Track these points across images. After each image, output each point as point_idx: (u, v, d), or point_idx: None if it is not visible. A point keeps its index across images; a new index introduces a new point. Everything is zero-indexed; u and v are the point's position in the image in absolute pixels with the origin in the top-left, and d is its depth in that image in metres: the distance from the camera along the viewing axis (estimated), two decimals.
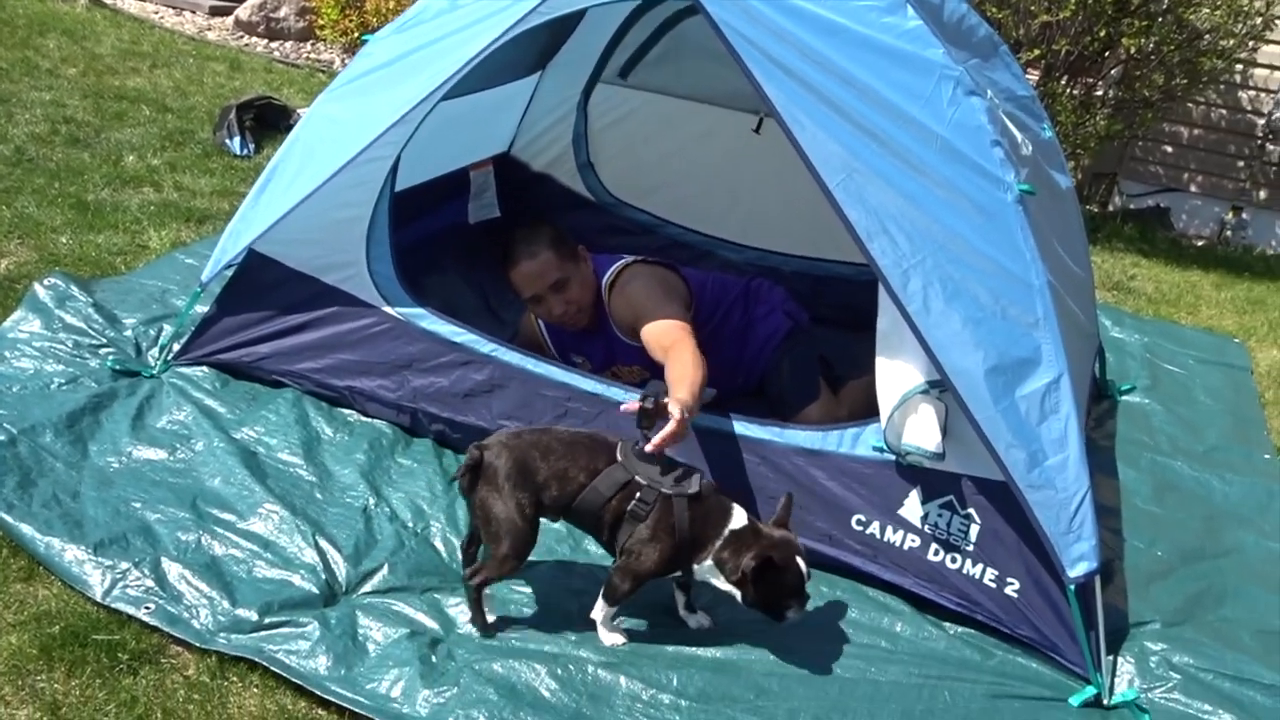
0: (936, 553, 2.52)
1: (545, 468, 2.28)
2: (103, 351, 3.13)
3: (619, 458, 2.32)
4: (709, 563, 2.28)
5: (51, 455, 2.61)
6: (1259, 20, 5.70)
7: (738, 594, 2.27)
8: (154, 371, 3.06)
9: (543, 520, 2.35)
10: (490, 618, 2.30)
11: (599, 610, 2.33)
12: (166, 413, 2.88)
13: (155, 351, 3.19)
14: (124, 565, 2.29)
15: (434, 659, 2.17)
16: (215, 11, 8.28)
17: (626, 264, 3.10)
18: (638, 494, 2.27)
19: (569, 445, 2.33)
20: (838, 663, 2.35)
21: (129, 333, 3.27)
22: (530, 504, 2.26)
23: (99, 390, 2.91)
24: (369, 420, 2.97)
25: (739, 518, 2.30)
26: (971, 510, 2.48)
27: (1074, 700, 2.33)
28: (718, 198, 4.14)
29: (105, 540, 2.35)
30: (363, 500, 2.64)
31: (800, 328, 3.38)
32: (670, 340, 2.78)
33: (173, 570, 2.31)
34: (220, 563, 2.37)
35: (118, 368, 3.04)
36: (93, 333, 3.20)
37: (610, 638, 2.33)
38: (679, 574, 2.34)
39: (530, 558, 2.32)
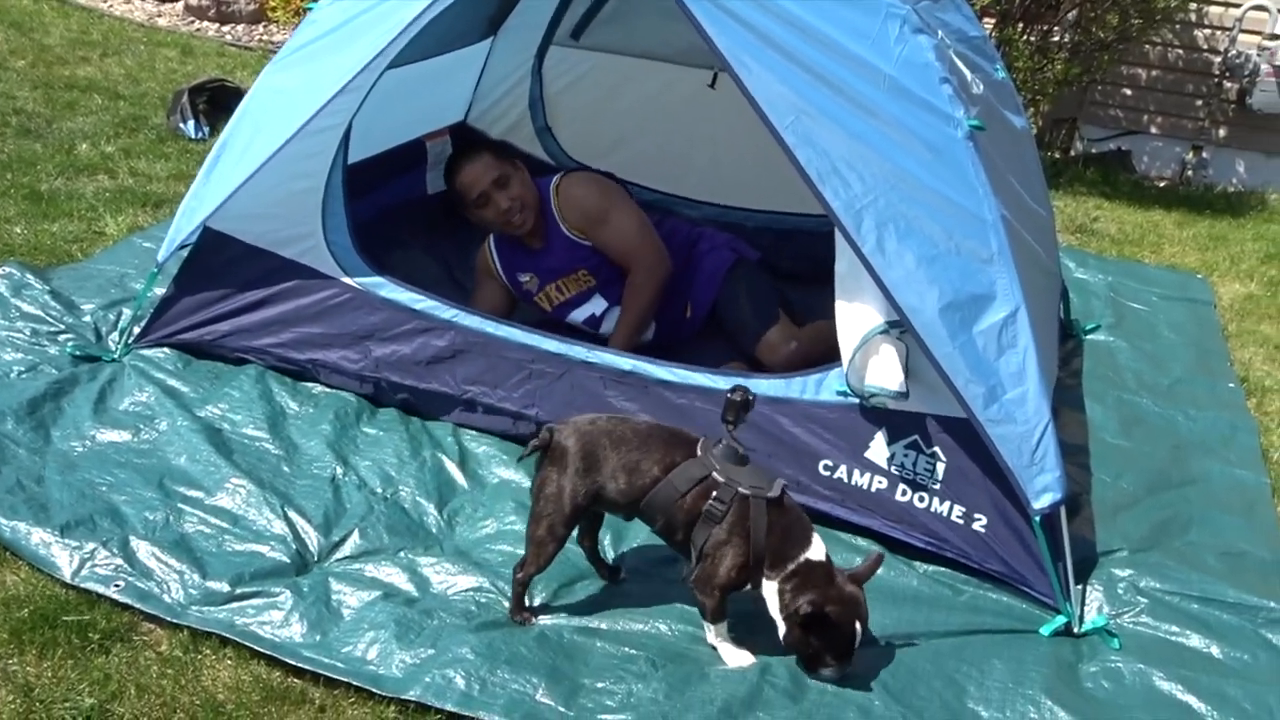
0: (904, 493, 2.54)
1: (615, 458, 2.16)
2: (62, 338, 3.10)
3: (698, 453, 2.19)
4: (774, 585, 2.12)
5: (13, 442, 2.59)
6: None
7: (781, 627, 2.13)
8: (115, 355, 3.03)
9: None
10: (530, 606, 2.25)
11: (710, 634, 2.19)
12: (129, 395, 2.85)
13: (115, 335, 3.16)
14: (91, 545, 2.27)
15: (410, 620, 2.17)
16: None
17: (569, 170, 3.29)
18: (714, 493, 2.13)
19: (645, 437, 2.20)
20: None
21: (88, 318, 3.23)
22: (586, 493, 2.15)
23: (59, 376, 2.88)
24: (333, 391, 2.95)
25: (818, 548, 2.13)
26: (936, 448, 2.50)
27: (1045, 630, 2.36)
28: (677, 155, 4.13)
29: (72, 522, 2.33)
30: (330, 470, 2.63)
31: (746, 260, 3.42)
32: (633, 246, 3.11)
33: (141, 548, 2.30)
34: (189, 539, 2.36)
35: (78, 353, 3.01)
36: (50, 320, 3.17)
37: (736, 656, 2.17)
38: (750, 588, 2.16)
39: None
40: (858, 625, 2.09)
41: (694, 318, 3.34)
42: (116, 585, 2.19)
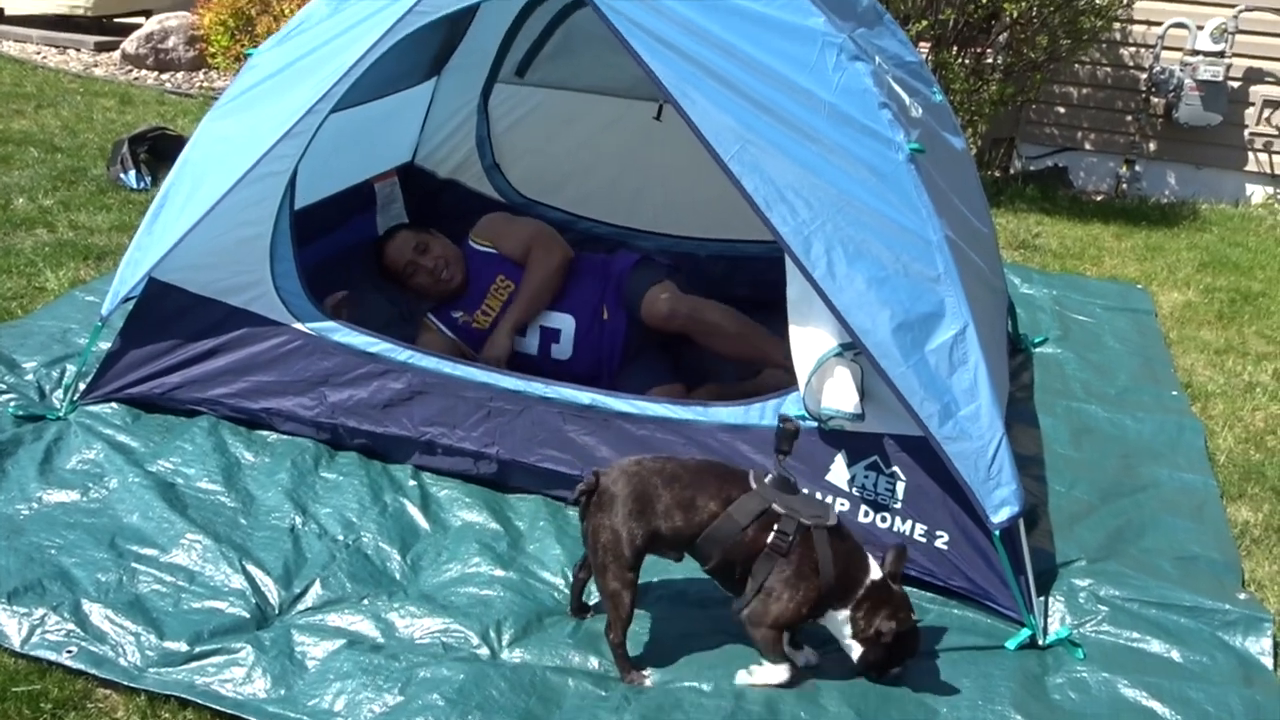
0: (866, 514, 2.56)
1: (668, 495, 2.12)
2: (3, 399, 3.03)
3: (753, 485, 2.16)
4: (844, 613, 2.11)
5: None
6: None
7: (856, 650, 2.13)
8: (60, 413, 2.96)
9: None
10: (635, 661, 2.19)
11: (766, 675, 2.15)
12: (76, 453, 2.79)
13: (60, 393, 3.09)
14: (41, 611, 2.21)
15: (376, 667, 2.13)
16: (100, 47, 8.07)
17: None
18: (776, 525, 2.10)
19: (696, 473, 2.17)
20: None
21: (30, 376, 3.16)
22: (643, 535, 2.11)
23: (2, 439, 2.81)
24: (290, 438, 2.91)
25: (875, 568, 2.14)
26: (896, 468, 2.52)
27: (1010, 644, 2.37)
28: (626, 188, 4.16)
29: (19, 588, 2.27)
30: (289, 520, 2.59)
31: (652, 260, 3.55)
32: (529, 236, 3.45)
33: (94, 611, 2.23)
34: (144, 599, 2.30)
35: (21, 414, 2.94)
36: None
37: (772, 673, 2.14)
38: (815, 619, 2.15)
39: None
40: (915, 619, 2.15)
41: (613, 317, 3.38)
42: (69, 651, 2.13)
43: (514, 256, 3.46)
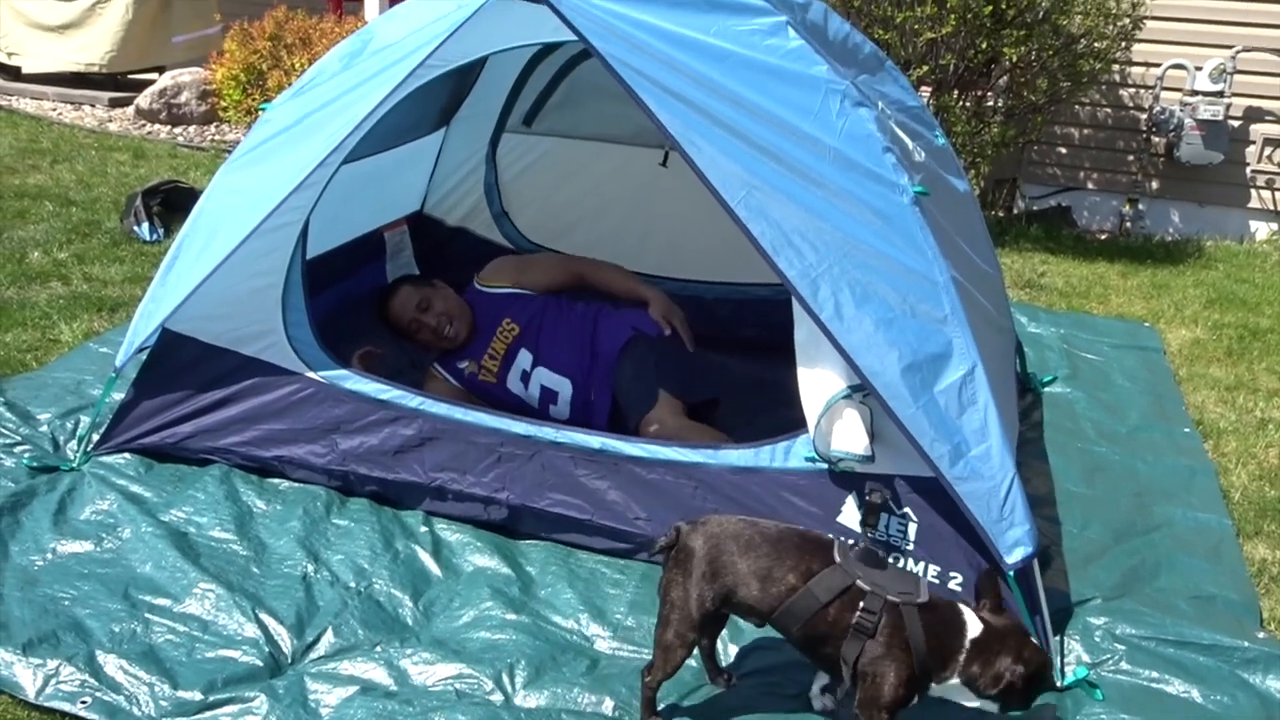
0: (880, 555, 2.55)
1: (743, 564, 2.06)
2: (18, 450, 3.04)
3: (836, 558, 2.07)
4: (955, 681, 2.02)
5: None
6: (1128, 21, 5.98)
7: (994, 706, 2.04)
8: (74, 464, 2.98)
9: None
10: (658, 711, 2.16)
11: None
12: (90, 504, 2.80)
13: (74, 444, 3.11)
14: (55, 662, 2.21)
15: (390, 713, 2.13)
16: (115, 103, 8.19)
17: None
18: (861, 603, 2.00)
19: (775, 542, 2.09)
20: (790, 676, 2.35)
21: (45, 428, 3.18)
22: (714, 598, 2.06)
23: (16, 489, 2.83)
24: (300, 486, 2.92)
25: (974, 623, 2.04)
26: (908, 509, 2.52)
27: None
28: (633, 233, 4.19)
29: (34, 639, 2.27)
30: (301, 568, 2.59)
31: (642, 336, 3.43)
32: (571, 261, 3.64)
33: (108, 662, 2.24)
34: (158, 649, 2.30)
35: (35, 465, 2.96)
36: (6, 432, 3.11)
37: None
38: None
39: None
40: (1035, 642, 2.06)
41: (598, 398, 3.34)
42: (83, 702, 2.13)
43: (540, 286, 3.50)
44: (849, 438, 2.45)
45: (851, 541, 2.18)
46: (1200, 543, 3.00)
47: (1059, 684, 2.36)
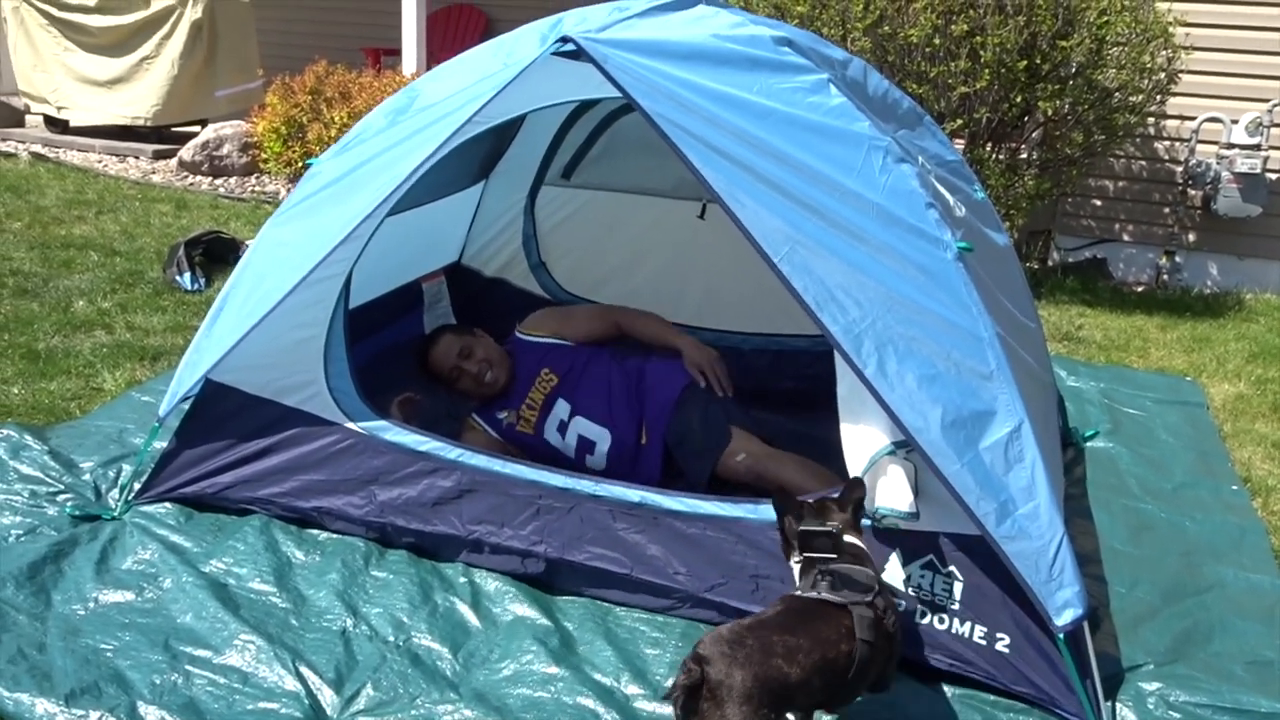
0: (923, 614, 2.51)
1: (798, 670, 1.93)
2: (61, 498, 3.07)
3: (829, 598, 2.10)
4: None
5: (14, 608, 2.54)
6: (1163, 75, 5.99)
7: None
8: (115, 513, 3.00)
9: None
10: None
11: None
12: (131, 553, 2.81)
13: (115, 493, 3.13)
14: (98, 714, 2.20)
15: None
16: (159, 155, 8.40)
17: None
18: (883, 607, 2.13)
19: (801, 623, 2.03)
20: None
21: (87, 476, 3.21)
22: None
23: (59, 538, 2.85)
24: (339, 537, 2.92)
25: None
26: (953, 568, 2.48)
27: None
28: (670, 284, 4.21)
29: (76, 690, 2.27)
30: (340, 621, 2.58)
31: (694, 388, 3.44)
32: (609, 311, 3.68)
33: (150, 713, 2.23)
34: (198, 701, 2.29)
35: (77, 514, 2.98)
36: (50, 480, 3.15)
37: None
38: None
39: None
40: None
41: (650, 444, 3.34)
42: None
43: (580, 336, 3.53)
44: (893, 494, 2.42)
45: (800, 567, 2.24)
46: (1254, 605, 2.92)
47: None
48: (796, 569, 2.27)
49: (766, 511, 2.64)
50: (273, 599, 2.66)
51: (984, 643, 2.45)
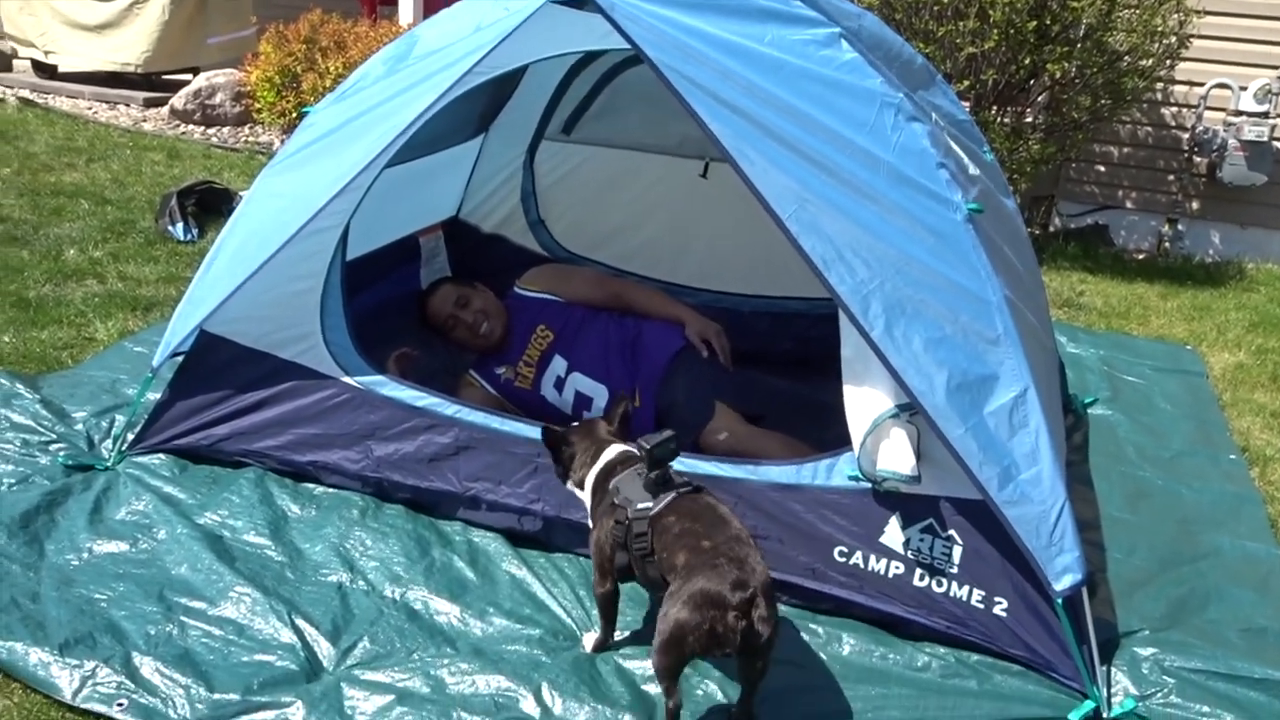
0: (922, 578, 2.50)
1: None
2: (53, 448, 3.04)
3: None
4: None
5: (6, 558, 2.52)
6: (1173, 39, 5.90)
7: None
8: (109, 464, 2.97)
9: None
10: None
11: None
12: (125, 504, 2.79)
13: (109, 443, 3.10)
14: (92, 664, 2.20)
15: None
16: (150, 103, 8.25)
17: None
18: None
19: (715, 521, 2.18)
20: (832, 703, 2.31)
21: (80, 426, 3.18)
22: None
23: (52, 488, 2.82)
24: (335, 491, 2.90)
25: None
26: (953, 532, 2.47)
27: (1074, 716, 2.30)
28: (670, 244, 4.16)
29: (70, 640, 2.26)
30: (336, 575, 2.57)
31: (692, 347, 3.42)
32: (609, 280, 3.66)
33: (145, 664, 2.22)
34: (193, 652, 2.29)
35: (70, 463, 2.95)
36: (42, 429, 3.11)
37: None
38: None
39: None
40: None
41: (644, 405, 3.31)
42: (119, 704, 2.12)
43: (577, 298, 3.50)
44: (896, 457, 2.40)
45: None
46: (1249, 573, 2.93)
47: (1105, 715, 2.30)
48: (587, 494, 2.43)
49: (766, 473, 2.63)
50: (268, 552, 2.65)
51: (982, 606, 2.45)
